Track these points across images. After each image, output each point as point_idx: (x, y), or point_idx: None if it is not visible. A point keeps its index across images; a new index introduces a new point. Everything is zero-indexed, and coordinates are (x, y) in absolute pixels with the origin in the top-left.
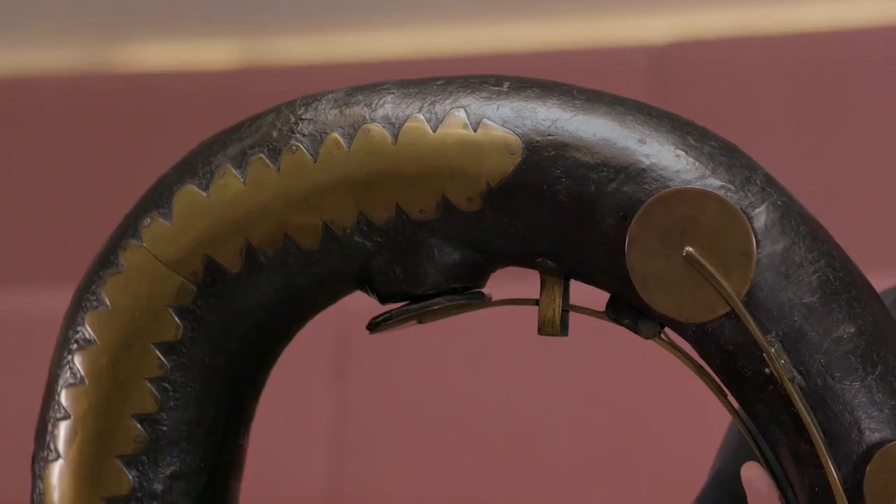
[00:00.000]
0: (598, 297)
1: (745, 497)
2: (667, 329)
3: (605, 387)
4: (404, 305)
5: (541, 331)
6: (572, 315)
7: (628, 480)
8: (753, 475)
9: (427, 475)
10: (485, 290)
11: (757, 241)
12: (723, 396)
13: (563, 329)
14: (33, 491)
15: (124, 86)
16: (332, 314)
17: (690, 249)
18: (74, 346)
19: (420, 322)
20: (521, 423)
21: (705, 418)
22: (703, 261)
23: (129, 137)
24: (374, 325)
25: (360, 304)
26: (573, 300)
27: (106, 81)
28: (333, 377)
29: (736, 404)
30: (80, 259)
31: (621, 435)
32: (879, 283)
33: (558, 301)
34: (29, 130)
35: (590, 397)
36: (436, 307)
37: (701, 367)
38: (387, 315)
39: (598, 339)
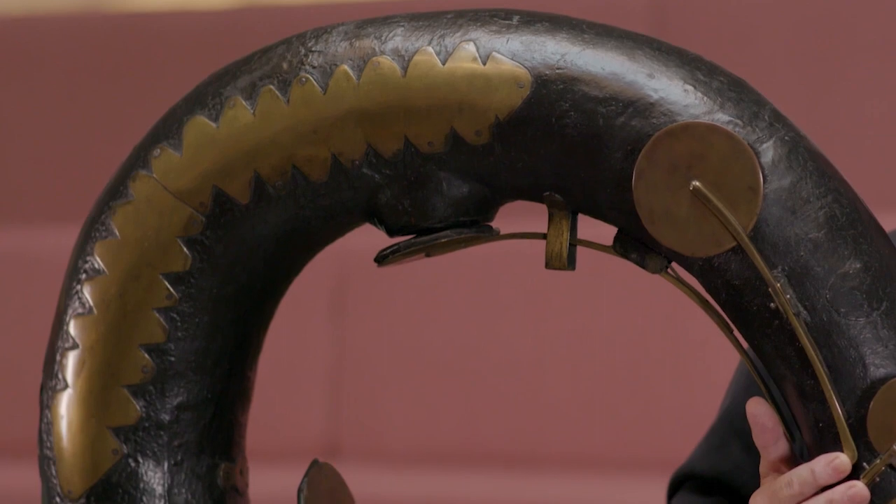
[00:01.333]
0: (606, 233)
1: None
2: (674, 264)
3: (605, 329)
4: (412, 238)
5: (548, 265)
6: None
7: (630, 422)
8: (758, 411)
9: (426, 416)
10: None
11: (764, 176)
12: (729, 332)
13: (571, 263)
14: (41, 420)
15: (125, 25)
16: (331, 255)
17: (697, 184)
18: (83, 275)
19: (428, 255)
20: (520, 365)
21: (706, 359)
22: (709, 195)
23: (129, 77)
24: (382, 258)
25: (359, 245)
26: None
27: (106, 21)
28: (331, 319)
29: (743, 340)
30: (78, 199)
31: (622, 376)
32: (887, 223)
33: (566, 235)
34: (29, 70)
35: (590, 339)
36: (444, 240)
37: (707, 302)
38: (394, 248)
39: (597, 282)
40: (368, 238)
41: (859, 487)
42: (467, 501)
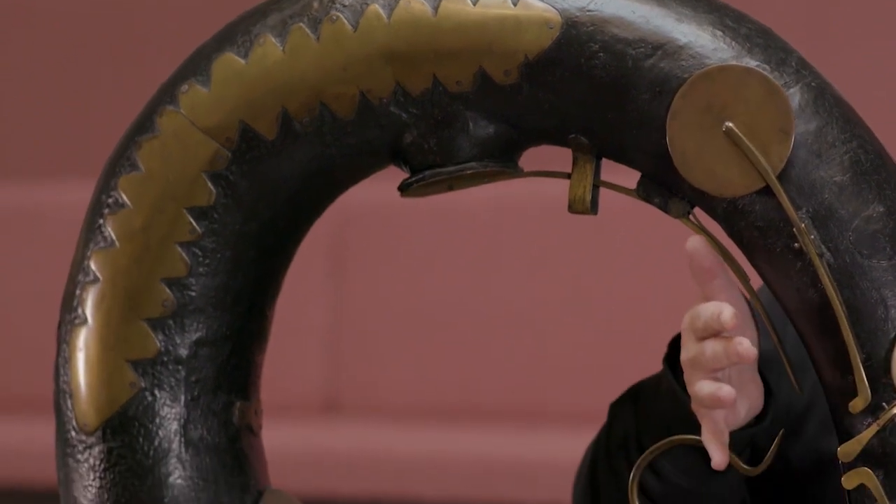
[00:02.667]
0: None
1: (765, 385)
2: (695, 211)
3: (606, 283)
4: (437, 169)
5: (571, 208)
6: (564, 216)
7: (632, 377)
8: (698, 249)
9: (425, 371)
10: None
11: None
12: (745, 280)
13: (594, 207)
14: (58, 355)
15: None
16: (330, 209)
17: (730, 125)
18: (107, 210)
19: (450, 188)
20: (519, 320)
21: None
22: (742, 136)
23: (131, 31)
24: (406, 187)
25: (359, 200)
26: None
27: None
28: (330, 274)
29: (756, 287)
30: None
31: (623, 331)
32: None
33: (590, 178)
34: (29, 24)
35: (590, 294)
36: (468, 171)
37: (725, 249)
38: (419, 177)
39: (597, 237)
40: (368, 193)
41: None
42: (467, 456)
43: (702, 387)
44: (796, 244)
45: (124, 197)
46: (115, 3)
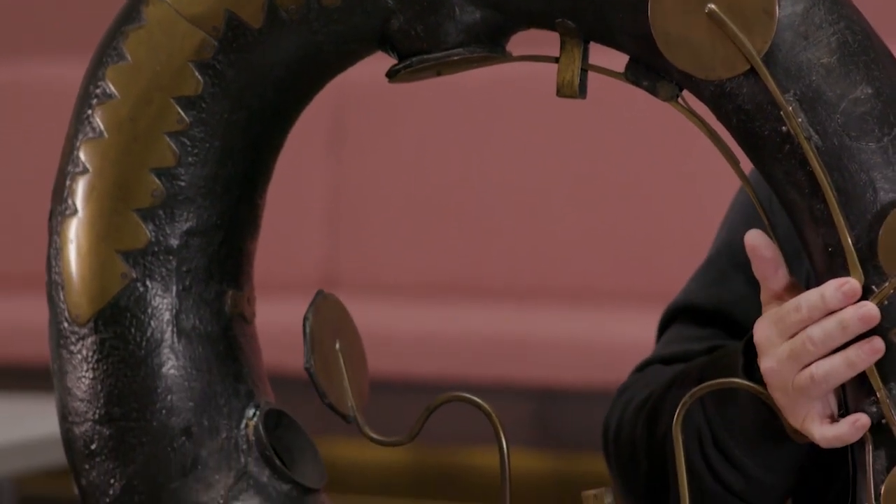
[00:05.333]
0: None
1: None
2: (684, 94)
3: (605, 163)
4: (424, 55)
5: (559, 92)
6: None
7: (629, 255)
8: (757, 242)
9: (425, 249)
10: None
11: (777, 1)
12: (735, 164)
13: (582, 91)
14: (49, 246)
15: None
16: (329, 87)
17: (713, 6)
18: (95, 100)
19: (439, 73)
20: (519, 198)
21: (706, 193)
22: (724, 18)
23: None
24: (394, 73)
25: (358, 78)
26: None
27: None
28: (330, 152)
29: (746, 172)
30: (75, 30)
31: (622, 209)
32: None
33: (578, 62)
34: None
35: (589, 173)
36: (455, 57)
37: (715, 132)
38: (406, 63)
39: (597, 117)
40: (367, 71)
41: (869, 307)
42: (466, 334)
43: (832, 361)
44: (784, 127)
45: (112, 87)
46: None
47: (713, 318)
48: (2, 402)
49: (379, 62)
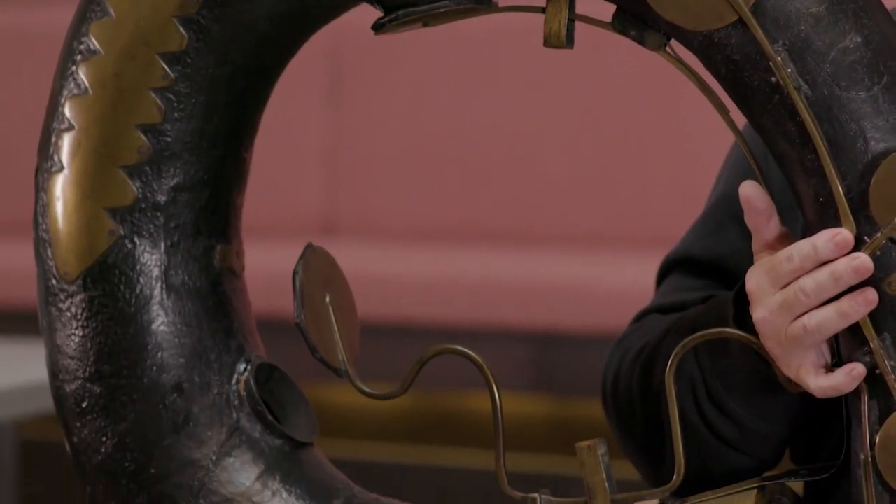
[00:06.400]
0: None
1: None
2: (672, 43)
3: (602, 108)
4: (411, 8)
5: (546, 42)
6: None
7: (625, 200)
8: (751, 193)
9: (422, 193)
10: None
11: None
12: (725, 113)
13: (569, 41)
14: (36, 203)
15: None
16: (326, 31)
17: None
18: (79, 56)
19: (425, 25)
20: (516, 143)
21: (701, 140)
22: None
23: None
24: (380, 26)
25: (355, 20)
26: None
27: None
28: (328, 96)
29: (739, 124)
30: None
31: (618, 155)
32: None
33: (564, 12)
34: None
35: (587, 118)
36: (442, 10)
37: (704, 82)
38: (392, 16)
39: (595, 61)
40: (365, 16)
41: (863, 259)
42: (464, 278)
43: (825, 312)
44: (773, 78)
45: (96, 43)
46: None
47: (709, 270)
48: (1, 346)
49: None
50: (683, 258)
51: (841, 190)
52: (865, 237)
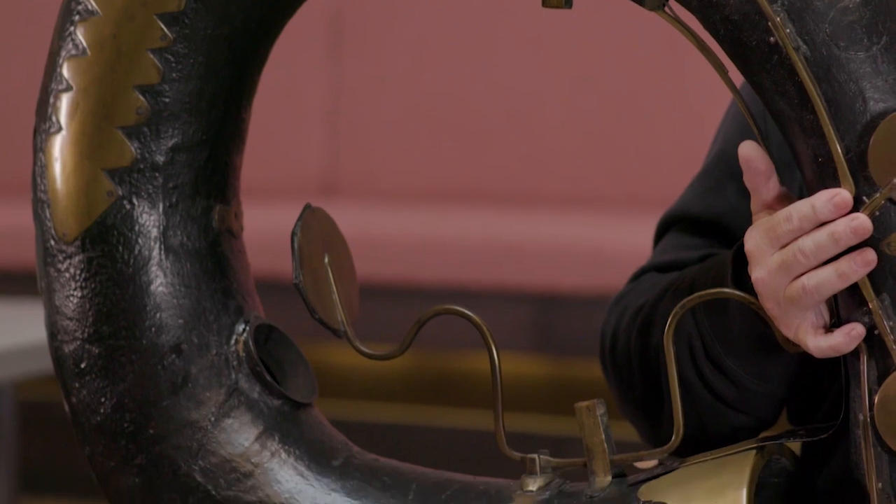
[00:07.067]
0: None
1: None
2: (671, 4)
3: (601, 69)
4: None
5: (545, 3)
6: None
7: (624, 160)
8: (750, 153)
9: (423, 154)
10: None
11: None
12: (723, 73)
13: (568, 1)
14: (34, 164)
15: None
16: None
17: None
18: (77, 17)
19: None
20: (517, 103)
21: (700, 99)
22: None
23: None
24: None
25: None
26: None
27: None
28: (328, 55)
29: (737, 84)
30: None
31: (618, 115)
32: None
33: None
34: None
35: (586, 79)
36: None
37: (703, 42)
38: None
39: (594, 21)
40: None
41: (862, 220)
42: (465, 238)
43: (823, 272)
44: (772, 38)
45: (93, 4)
46: None
47: (707, 228)
48: (1, 306)
49: None
50: (682, 216)
51: (840, 150)
52: (864, 198)
